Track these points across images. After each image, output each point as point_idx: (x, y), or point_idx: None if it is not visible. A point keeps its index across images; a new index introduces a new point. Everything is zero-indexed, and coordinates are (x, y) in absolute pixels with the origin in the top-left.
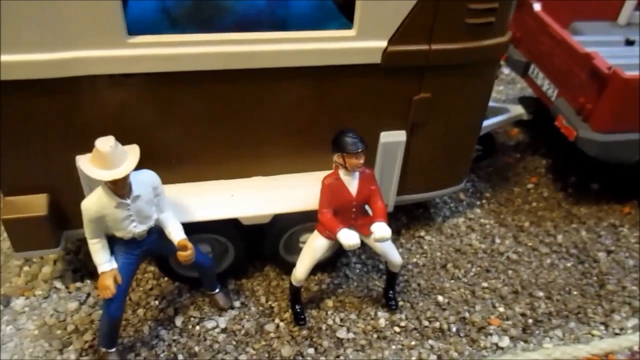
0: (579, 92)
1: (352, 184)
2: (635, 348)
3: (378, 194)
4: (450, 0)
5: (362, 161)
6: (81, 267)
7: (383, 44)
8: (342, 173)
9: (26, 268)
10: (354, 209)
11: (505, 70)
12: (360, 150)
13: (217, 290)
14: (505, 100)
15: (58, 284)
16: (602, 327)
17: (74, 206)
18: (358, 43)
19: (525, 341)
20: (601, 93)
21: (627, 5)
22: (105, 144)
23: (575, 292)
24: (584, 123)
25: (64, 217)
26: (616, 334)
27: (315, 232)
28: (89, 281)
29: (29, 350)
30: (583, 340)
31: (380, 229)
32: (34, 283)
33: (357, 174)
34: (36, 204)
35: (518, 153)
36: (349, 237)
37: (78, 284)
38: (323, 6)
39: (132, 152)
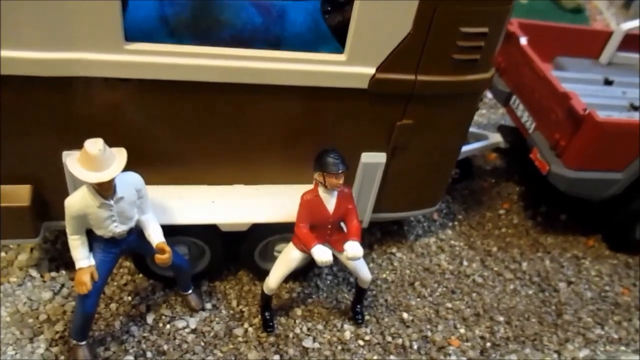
0: (555, 128)
1: (330, 201)
2: None
3: (354, 213)
4: (439, 35)
5: (341, 181)
6: (58, 257)
7: (371, 70)
8: (321, 190)
9: (2, 254)
10: (329, 226)
11: (489, 95)
12: (340, 171)
13: (190, 291)
14: (487, 125)
15: (33, 272)
16: (555, 356)
17: (56, 198)
18: (347, 68)
19: None
20: (576, 132)
21: (609, 45)
22: (94, 146)
23: (533, 319)
24: (557, 158)
25: (46, 208)
26: None
27: (291, 244)
28: (64, 271)
29: None
30: None
31: (353, 249)
32: (9, 270)
33: (335, 192)
34: (19, 194)
35: (493, 178)
36: (322, 254)
37: (53, 274)
38: (317, 29)
39: (120, 156)
